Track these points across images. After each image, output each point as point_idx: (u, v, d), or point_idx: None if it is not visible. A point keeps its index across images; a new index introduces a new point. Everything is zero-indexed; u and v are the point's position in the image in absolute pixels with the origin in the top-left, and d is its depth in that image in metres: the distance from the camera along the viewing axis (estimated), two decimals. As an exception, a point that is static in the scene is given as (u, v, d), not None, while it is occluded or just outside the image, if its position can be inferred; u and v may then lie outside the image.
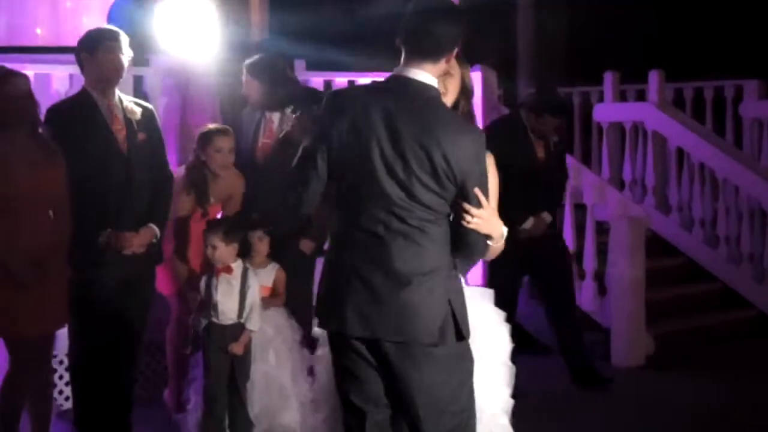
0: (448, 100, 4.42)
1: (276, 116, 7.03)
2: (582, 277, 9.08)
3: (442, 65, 4.18)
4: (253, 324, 6.07)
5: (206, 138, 6.65)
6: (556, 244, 8.05)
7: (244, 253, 6.26)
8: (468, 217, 4.09)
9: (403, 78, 4.15)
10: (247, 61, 7.05)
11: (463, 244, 4.17)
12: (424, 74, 4.14)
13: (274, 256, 6.41)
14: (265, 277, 6.34)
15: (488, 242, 4.19)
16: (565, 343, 7.99)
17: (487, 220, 4.12)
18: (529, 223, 7.63)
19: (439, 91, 4.19)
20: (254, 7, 11.38)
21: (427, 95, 4.14)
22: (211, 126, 6.80)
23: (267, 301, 6.27)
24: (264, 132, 7.05)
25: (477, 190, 4.09)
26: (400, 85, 4.15)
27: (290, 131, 6.80)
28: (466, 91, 4.50)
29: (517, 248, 7.56)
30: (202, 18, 7.40)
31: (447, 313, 4.13)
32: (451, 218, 4.16)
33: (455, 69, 4.43)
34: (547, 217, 7.75)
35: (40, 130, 5.60)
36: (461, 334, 4.15)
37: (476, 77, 8.83)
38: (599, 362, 8.20)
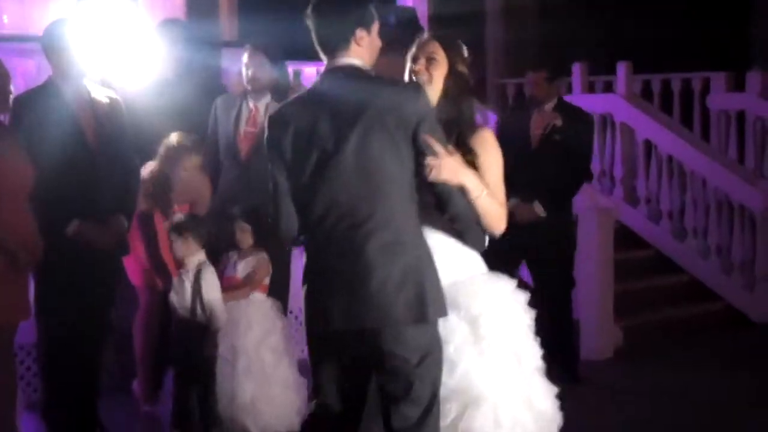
0: (435, 85, 4.45)
1: (262, 105, 6.86)
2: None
3: (364, 46, 4.24)
4: (216, 324, 6.01)
5: (172, 154, 6.53)
6: (558, 236, 7.75)
7: (230, 243, 6.21)
8: (427, 170, 4.11)
9: (330, 70, 4.26)
10: (256, 43, 6.88)
11: (441, 203, 4.22)
12: (348, 59, 4.23)
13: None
14: (248, 266, 6.30)
15: (465, 196, 4.19)
16: (558, 339, 7.81)
17: (443, 166, 4.12)
18: (511, 204, 7.54)
19: (364, 67, 4.24)
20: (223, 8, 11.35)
21: (353, 75, 4.21)
22: (180, 138, 6.58)
23: (237, 292, 6.22)
24: (247, 121, 6.90)
25: (427, 137, 4.10)
26: (329, 79, 4.25)
27: None
28: (457, 75, 4.49)
29: (514, 235, 7.60)
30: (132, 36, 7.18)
31: (418, 291, 4.11)
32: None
33: (440, 54, 4.47)
34: (538, 207, 7.57)
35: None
36: (429, 312, 4.13)
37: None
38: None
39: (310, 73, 8.33)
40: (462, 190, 4.23)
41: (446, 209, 4.29)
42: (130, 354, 7.06)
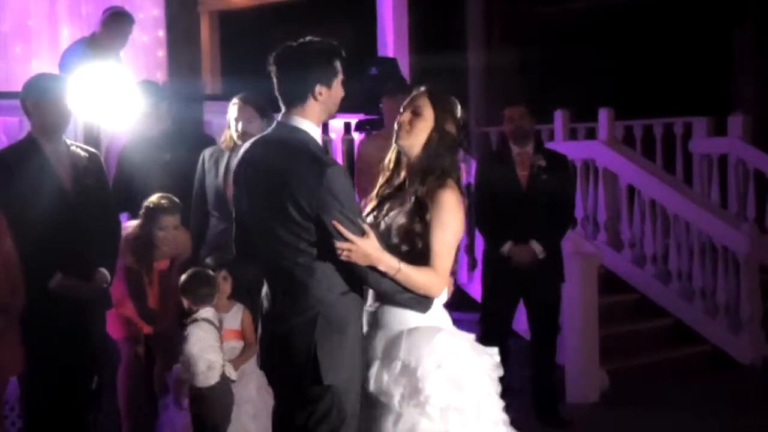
0: (416, 138, 4.48)
1: None
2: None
3: (321, 101, 4.34)
4: (202, 381, 6.02)
5: (151, 214, 6.58)
6: (551, 276, 7.87)
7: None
8: (339, 252, 4.18)
9: (277, 125, 4.43)
10: (245, 96, 6.87)
11: (363, 282, 4.31)
12: (296, 118, 4.34)
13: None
14: (231, 320, 6.32)
15: (375, 273, 4.23)
16: (540, 378, 7.95)
17: (353, 251, 4.17)
18: (506, 247, 7.63)
19: (306, 133, 4.33)
20: (205, 53, 11.47)
21: (289, 137, 4.32)
22: (157, 199, 6.63)
23: (239, 359, 6.25)
24: None
25: (335, 223, 4.16)
26: (273, 133, 4.42)
27: None
28: (441, 132, 4.49)
29: (512, 274, 7.68)
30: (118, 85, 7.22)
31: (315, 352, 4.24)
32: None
33: (427, 109, 4.50)
34: (536, 246, 7.64)
35: None
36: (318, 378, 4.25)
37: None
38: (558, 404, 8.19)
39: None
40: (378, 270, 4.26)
41: (369, 287, 4.36)
42: (113, 407, 7.05)
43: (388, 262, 4.24)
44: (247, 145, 4.52)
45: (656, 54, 13.78)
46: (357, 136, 9.00)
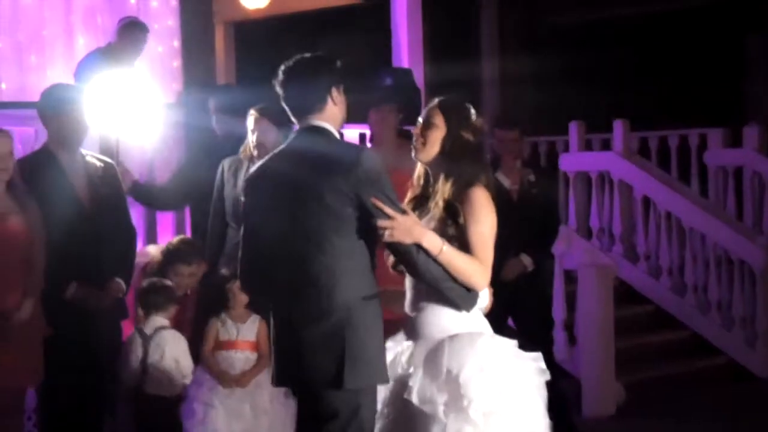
0: (430, 148, 4.50)
1: None
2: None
3: (339, 104, 4.43)
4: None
5: (168, 258, 6.65)
6: (539, 289, 7.85)
7: (222, 303, 6.22)
8: (381, 232, 4.19)
9: (299, 132, 4.46)
10: (262, 107, 6.83)
11: (404, 266, 4.35)
12: (316, 121, 4.40)
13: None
14: (247, 331, 6.32)
15: (420, 254, 4.23)
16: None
17: (395, 227, 4.18)
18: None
19: (330, 131, 4.40)
20: (220, 63, 11.47)
21: (312, 139, 4.38)
22: (178, 244, 6.73)
23: (254, 369, 6.28)
24: None
25: (375, 201, 4.19)
26: (296, 139, 4.46)
27: None
28: (454, 137, 4.49)
29: (501, 289, 7.64)
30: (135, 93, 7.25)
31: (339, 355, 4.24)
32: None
33: (438, 118, 4.52)
34: (526, 260, 7.58)
35: (13, 181, 5.57)
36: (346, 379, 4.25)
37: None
38: (571, 413, 8.16)
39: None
40: (423, 250, 4.26)
41: (410, 272, 4.37)
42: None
43: (432, 239, 4.25)
44: (263, 160, 4.58)
45: (670, 64, 13.77)
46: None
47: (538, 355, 4.54)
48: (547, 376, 4.52)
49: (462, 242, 4.36)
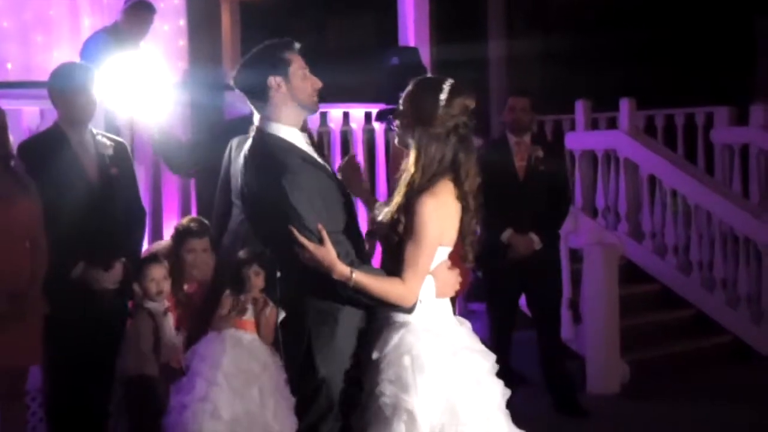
0: (402, 138, 4.42)
1: None
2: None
3: (276, 96, 4.42)
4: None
5: (179, 237, 6.62)
6: (550, 268, 7.93)
7: (240, 288, 6.22)
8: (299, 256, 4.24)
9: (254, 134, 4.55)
10: None
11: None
12: (269, 123, 4.45)
13: None
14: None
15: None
16: (552, 369, 7.98)
17: (308, 258, 4.20)
18: (506, 235, 7.62)
19: (274, 137, 4.41)
20: (226, 42, 11.45)
21: (259, 148, 4.45)
22: (187, 222, 6.71)
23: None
24: None
25: (292, 229, 4.20)
26: (252, 142, 4.54)
27: None
28: (420, 122, 4.37)
29: (512, 268, 7.68)
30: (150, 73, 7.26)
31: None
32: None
33: (404, 103, 4.40)
34: (534, 238, 7.65)
35: (12, 164, 5.59)
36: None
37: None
38: (576, 391, 8.20)
39: (336, 115, 8.36)
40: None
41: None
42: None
43: (339, 271, 4.19)
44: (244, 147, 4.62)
45: (678, 43, 13.74)
46: (378, 126, 8.98)
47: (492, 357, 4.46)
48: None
49: (401, 248, 4.29)
